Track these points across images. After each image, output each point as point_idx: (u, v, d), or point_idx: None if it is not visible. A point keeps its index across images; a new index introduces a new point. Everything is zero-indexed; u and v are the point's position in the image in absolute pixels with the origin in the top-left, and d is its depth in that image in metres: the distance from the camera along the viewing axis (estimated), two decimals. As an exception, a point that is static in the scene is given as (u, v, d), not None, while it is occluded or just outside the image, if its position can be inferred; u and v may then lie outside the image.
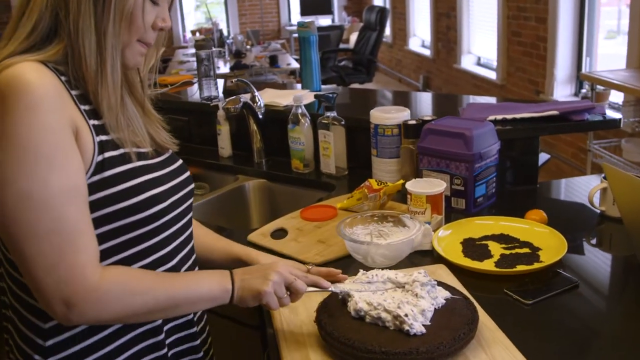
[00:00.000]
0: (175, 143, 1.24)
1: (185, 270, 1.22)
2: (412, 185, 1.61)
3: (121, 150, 1.07)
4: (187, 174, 1.26)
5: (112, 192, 1.04)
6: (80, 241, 0.97)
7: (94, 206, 1.02)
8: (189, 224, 1.24)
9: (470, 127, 1.75)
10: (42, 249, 0.94)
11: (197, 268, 1.29)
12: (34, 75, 0.96)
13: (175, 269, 1.18)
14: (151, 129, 1.18)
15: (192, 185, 1.26)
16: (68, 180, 0.96)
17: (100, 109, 1.05)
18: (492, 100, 2.39)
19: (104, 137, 1.05)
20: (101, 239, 1.04)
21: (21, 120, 0.92)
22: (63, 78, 1.01)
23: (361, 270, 1.25)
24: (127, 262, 1.09)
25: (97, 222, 1.03)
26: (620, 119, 2.01)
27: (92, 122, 1.04)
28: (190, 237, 1.26)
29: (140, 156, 1.11)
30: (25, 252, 0.95)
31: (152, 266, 1.13)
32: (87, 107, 1.04)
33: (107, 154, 1.05)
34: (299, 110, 2.14)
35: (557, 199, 2.00)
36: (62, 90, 1.00)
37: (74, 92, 1.02)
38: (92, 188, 1.02)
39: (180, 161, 1.26)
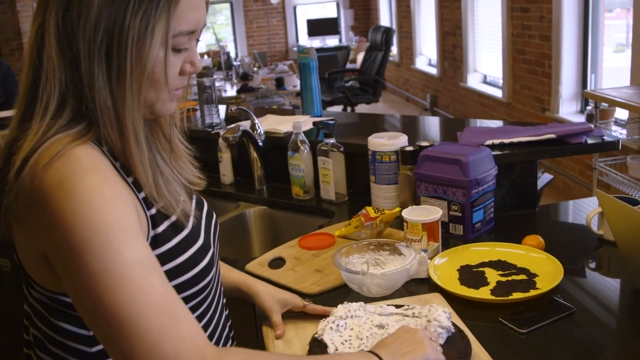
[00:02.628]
0: (202, 179, 1.16)
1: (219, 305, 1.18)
2: (408, 213, 1.61)
3: (170, 220, 1.02)
4: (214, 216, 1.21)
5: (168, 269, 0.99)
6: (177, 311, 0.89)
7: None
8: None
9: (466, 153, 1.76)
10: (137, 328, 0.85)
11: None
12: (87, 155, 0.90)
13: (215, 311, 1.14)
14: (180, 167, 1.11)
15: (217, 221, 1.22)
16: (143, 250, 0.89)
17: (140, 181, 0.98)
18: (498, 123, 2.40)
19: (153, 210, 0.99)
20: None
21: (85, 202, 0.85)
22: (104, 149, 0.95)
23: (340, 305, 1.27)
24: None
25: None
26: (618, 141, 2.01)
27: (140, 194, 0.98)
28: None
29: (186, 218, 1.05)
30: (118, 334, 0.85)
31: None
32: (131, 179, 0.98)
33: (160, 229, 0.99)
34: (299, 137, 2.16)
35: (556, 223, 2.00)
36: (110, 164, 0.94)
37: (117, 164, 0.96)
38: None
39: (205, 203, 1.20)
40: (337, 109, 7.91)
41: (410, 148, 1.88)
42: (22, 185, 0.88)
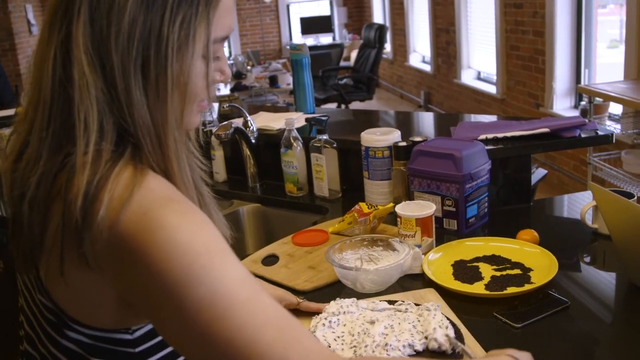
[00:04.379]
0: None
1: None
2: (402, 208, 1.60)
3: None
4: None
5: None
6: (294, 324, 0.83)
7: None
8: None
9: (459, 147, 1.75)
10: (259, 350, 0.78)
11: None
12: (158, 183, 0.84)
13: None
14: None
15: None
16: (243, 267, 0.83)
17: None
18: (492, 118, 2.39)
19: None
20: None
21: (178, 228, 0.78)
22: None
23: (333, 302, 1.26)
24: None
25: None
26: (612, 134, 2.00)
27: None
28: None
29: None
30: None
31: None
32: None
33: None
34: (291, 134, 2.15)
35: (550, 217, 1.99)
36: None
37: None
38: None
39: None
40: (331, 106, 7.90)
41: (404, 143, 1.87)
42: (99, 230, 0.79)
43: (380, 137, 1.92)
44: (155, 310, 0.81)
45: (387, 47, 10.19)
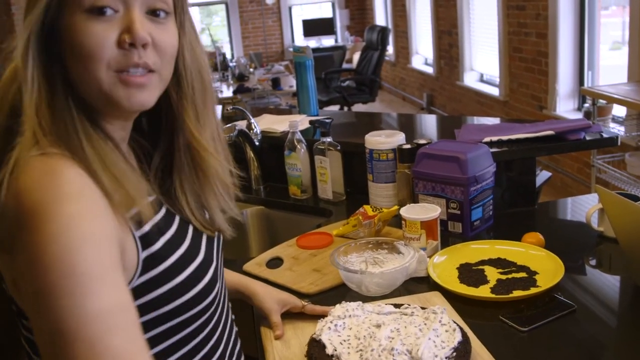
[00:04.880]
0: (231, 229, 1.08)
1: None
2: (406, 211, 1.60)
3: (166, 237, 0.94)
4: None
5: (168, 289, 0.92)
6: None
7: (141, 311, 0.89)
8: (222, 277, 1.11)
9: (464, 150, 1.74)
10: None
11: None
12: (70, 174, 0.81)
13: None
14: (213, 200, 1.03)
15: (220, 236, 1.12)
16: (112, 298, 0.78)
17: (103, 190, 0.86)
18: (495, 120, 2.38)
19: (146, 228, 0.91)
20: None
21: (56, 239, 0.76)
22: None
23: (338, 305, 1.26)
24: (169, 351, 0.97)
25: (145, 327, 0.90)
26: (617, 137, 2.00)
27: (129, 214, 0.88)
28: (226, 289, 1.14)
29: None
30: None
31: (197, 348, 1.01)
32: None
33: (155, 247, 0.91)
34: (295, 136, 2.14)
35: (555, 220, 1.98)
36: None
37: None
38: (136, 293, 0.88)
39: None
40: (334, 108, 7.90)
41: (408, 146, 1.87)
42: (6, 209, 0.80)
43: (384, 140, 1.92)
44: (27, 308, 0.82)
45: (390, 49, 10.19)
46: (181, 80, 0.98)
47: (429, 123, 2.67)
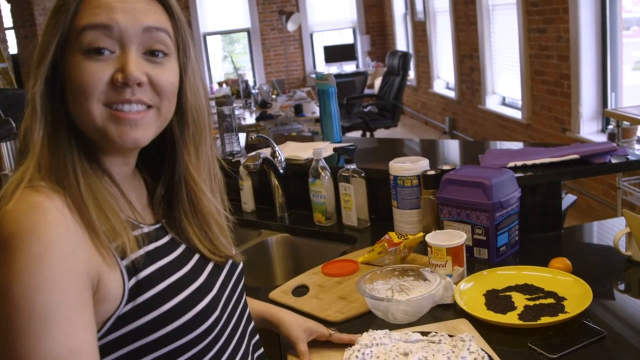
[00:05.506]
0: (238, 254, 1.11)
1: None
2: (432, 238, 1.60)
3: (158, 264, 0.95)
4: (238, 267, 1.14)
5: (148, 320, 0.92)
6: None
7: (125, 340, 0.90)
8: (244, 309, 1.12)
9: (489, 175, 1.74)
10: None
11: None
12: (42, 214, 0.82)
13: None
14: (212, 235, 1.05)
15: (241, 266, 1.15)
16: (66, 342, 0.80)
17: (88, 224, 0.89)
18: (519, 144, 2.37)
19: (133, 256, 0.92)
20: None
21: (18, 279, 0.79)
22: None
23: (365, 333, 1.25)
24: None
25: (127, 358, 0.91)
26: (643, 160, 1.98)
27: (113, 244, 0.90)
28: (247, 320, 1.15)
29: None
30: None
31: None
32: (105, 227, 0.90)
33: (143, 273, 0.92)
34: (319, 164, 2.15)
35: (582, 244, 1.97)
36: (69, 217, 0.85)
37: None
38: (125, 319, 0.90)
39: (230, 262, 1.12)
40: (356, 134, 7.92)
41: (432, 172, 1.87)
42: None
43: (408, 166, 1.92)
44: None
45: (411, 74, 10.21)
46: (184, 118, 1.02)
47: (451, 148, 2.67)
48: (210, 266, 1.06)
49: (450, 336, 1.22)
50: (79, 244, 0.85)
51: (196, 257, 1.04)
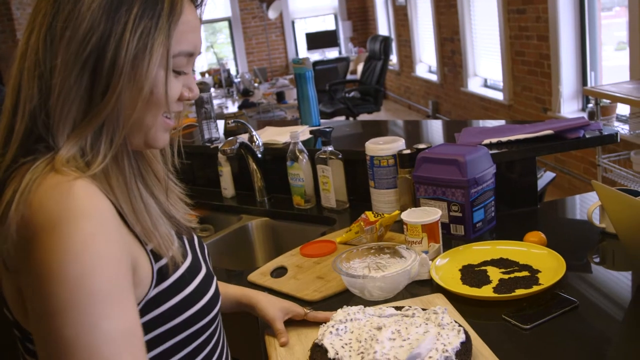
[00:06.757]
0: (191, 217, 1.11)
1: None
2: (407, 215, 1.61)
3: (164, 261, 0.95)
4: (205, 247, 1.16)
5: (172, 305, 0.95)
6: None
7: (149, 326, 0.92)
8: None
9: (463, 153, 1.75)
10: None
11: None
12: (85, 192, 0.82)
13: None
14: (171, 207, 1.05)
15: (208, 251, 1.18)
16: (124, 320, 0.80)
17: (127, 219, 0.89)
18: (500, 122, 2.38)
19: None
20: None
21: (75, 257, 0.78)
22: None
23: (340, 310, 1.26)
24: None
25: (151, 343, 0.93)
26: (617, 134, 2.00)
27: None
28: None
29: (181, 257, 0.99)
30: None
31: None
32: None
33: (163, 260, 0.94)
34: (297, 147, 2.16)
35: (558, 218, 1.98)
36: (108, 203, 0.85)
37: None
38: (152, 305, 0.92)
39: (194, 237, 1.13)
40: (340, 120, 7.91)
41: (408, 151, 1.88)
42: (11, 225, 0.81)
43: (384, 146, 1.93)
44: (34, 326, 0.81)
45: (393, 58, 10.22)
46: None
47: (434, 129, 2.67)
48: (187, 243, 1.07)
49: (424, 310, 1.23)
50: (121, 226, 0.86)
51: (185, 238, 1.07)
